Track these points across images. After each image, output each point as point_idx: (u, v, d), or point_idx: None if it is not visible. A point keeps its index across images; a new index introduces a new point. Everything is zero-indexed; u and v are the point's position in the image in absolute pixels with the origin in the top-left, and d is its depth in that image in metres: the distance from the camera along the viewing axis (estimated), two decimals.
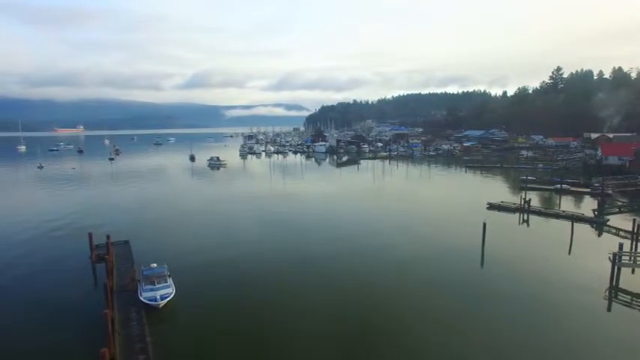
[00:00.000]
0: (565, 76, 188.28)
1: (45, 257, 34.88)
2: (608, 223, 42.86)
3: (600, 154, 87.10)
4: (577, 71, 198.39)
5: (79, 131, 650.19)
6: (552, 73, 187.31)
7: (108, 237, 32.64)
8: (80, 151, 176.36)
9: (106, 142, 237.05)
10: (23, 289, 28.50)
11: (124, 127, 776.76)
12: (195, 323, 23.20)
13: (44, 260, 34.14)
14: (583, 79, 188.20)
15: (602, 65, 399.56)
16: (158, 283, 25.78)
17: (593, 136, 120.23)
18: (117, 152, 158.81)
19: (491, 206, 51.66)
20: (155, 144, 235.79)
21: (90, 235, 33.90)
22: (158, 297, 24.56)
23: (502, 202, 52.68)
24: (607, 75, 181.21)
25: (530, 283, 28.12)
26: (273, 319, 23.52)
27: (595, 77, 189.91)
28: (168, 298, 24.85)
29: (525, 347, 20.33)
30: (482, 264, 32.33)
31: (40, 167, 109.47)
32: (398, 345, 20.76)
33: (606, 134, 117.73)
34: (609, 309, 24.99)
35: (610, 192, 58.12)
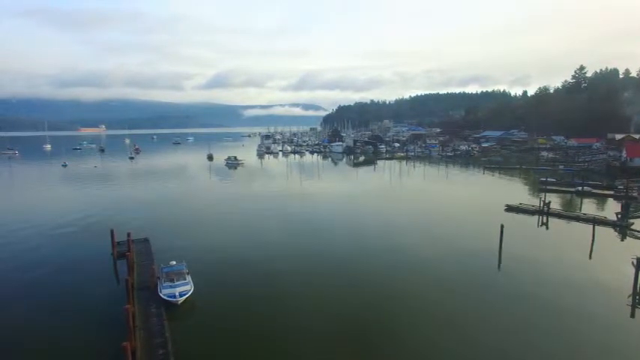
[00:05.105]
0: (589, 75, 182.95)
1: (68, 253, 36.05)
2: (632, 227, 41.67)
3: (625, 155, 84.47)
4: (601, 70, 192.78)
5: (101, 130, 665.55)
6: (575, 72, 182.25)
7: (128, 234, 33.65)
8: (102, 150, 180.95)
9: (127, 141, 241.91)
10: (48, 284, 29.55)
11: (145, 126, 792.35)
12: (212, 320, 23.77)
13: (68, 256, 35.28)
14: (608, 77, 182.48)
15: (629, 63, 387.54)
16: (177, 280, 26.39)
17: (618, 136, 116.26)
18: (137, 151, 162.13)
19: (510, 208, 50.82)
20: (174, 143, 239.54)
21: (112, 232, 34.91)
22: (177, 294, 25.19)
23: (520, 204, 51.75)
24: (634, 73, 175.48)
25: (549, 287, 27.59)
26: (288, 317, 23.80)
27: (621, 76, 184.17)
28: (186, 295, 25.45)
29: (543, 353, 20.03)
30: (499, 266, 31.94)
31: (64, 165, 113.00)
32: (409, 347, 20.78)
33: (632, 135, 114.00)
34: (633, 315, 24.30)
35: (635, 195, 56.41)
